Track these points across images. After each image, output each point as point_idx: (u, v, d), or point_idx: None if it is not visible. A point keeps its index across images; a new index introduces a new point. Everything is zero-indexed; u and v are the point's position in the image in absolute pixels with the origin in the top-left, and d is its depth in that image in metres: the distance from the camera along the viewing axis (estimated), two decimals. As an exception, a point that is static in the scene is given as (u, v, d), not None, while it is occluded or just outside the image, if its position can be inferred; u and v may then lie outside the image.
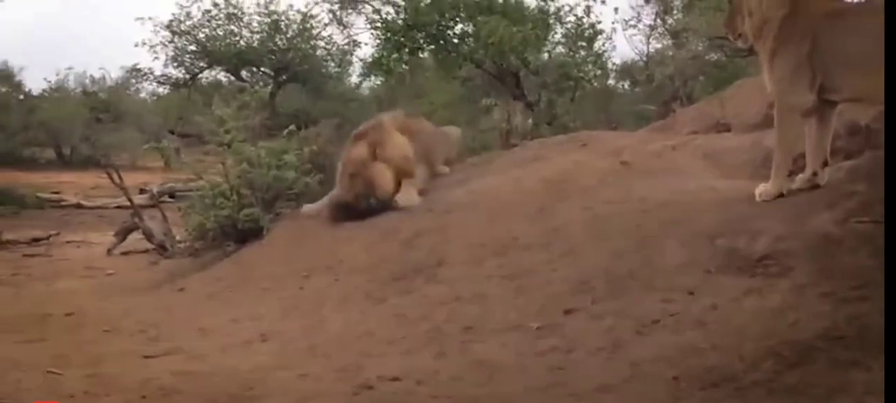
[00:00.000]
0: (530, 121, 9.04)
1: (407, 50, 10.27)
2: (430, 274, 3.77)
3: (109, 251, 7.82)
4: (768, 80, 3.53)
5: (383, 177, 4.92)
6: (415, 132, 5.30)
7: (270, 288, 4.25)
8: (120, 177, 7.97)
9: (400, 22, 10.35)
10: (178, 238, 6.85)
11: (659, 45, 11.40)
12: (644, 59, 11.41)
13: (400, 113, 5.57)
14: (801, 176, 3.53)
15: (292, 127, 5.88)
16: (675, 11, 11.02)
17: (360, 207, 4.85)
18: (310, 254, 4.54)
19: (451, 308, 3.35)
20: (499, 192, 4.51)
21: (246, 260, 4.98)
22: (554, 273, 3.39)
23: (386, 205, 4.82)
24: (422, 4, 10.12)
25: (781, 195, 3.45)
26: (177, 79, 15.93)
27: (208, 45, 14.74)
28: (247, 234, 5.45)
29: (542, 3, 10.57)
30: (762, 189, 3.50)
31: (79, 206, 12.17)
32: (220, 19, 14.63)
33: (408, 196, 4.89)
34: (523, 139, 8.05)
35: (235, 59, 15.07)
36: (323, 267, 4.26)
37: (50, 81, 18.31)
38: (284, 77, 15.51)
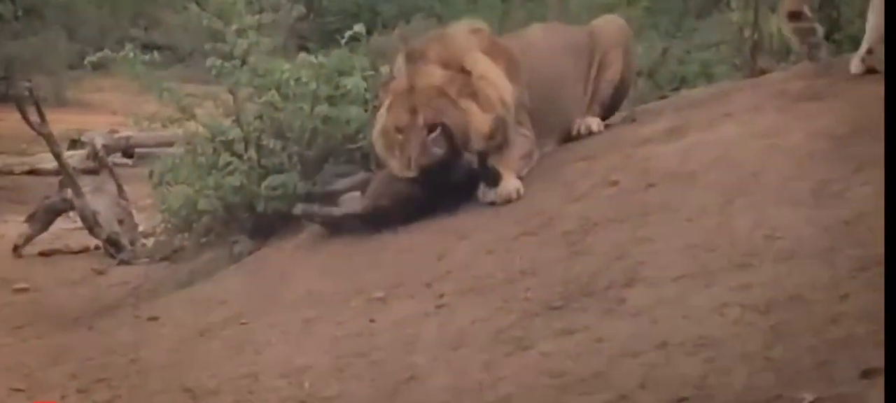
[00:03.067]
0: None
1: None
2: (613, 298, 3.43)
3: (18, 248, 6.94)
4: None
5: (483, 123, 4.52)
6: (511, 61, 4.88)
7: (316, 320, 3.94)
8: (41, 115, 6.95)
9: None
10: (143, 228, 6.50)
11: None
12: None
13: (481, 28, 5.06)
14: None
15: (358, 27, 5.27)
16: None
17: (446, 181, 4.47)
18: (386, 259, 4.31)
19: (653, 363, 3.00)
20: (741, 154, 4.24)
21: (271, 268, 4.75)
22: (842, 303, 2.98)
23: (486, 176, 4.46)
24: None
25: None
26: None
27: None
28: (272, 222, 5.16)
29: None
30: None
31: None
32: None
33: (505, 184, 4.51)
34: (782, 60, 7.27)
35: None
36: (413, 282, 4.01)
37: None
38: None
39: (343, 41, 5.36)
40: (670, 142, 4.63)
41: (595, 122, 5.15)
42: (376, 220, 4.60)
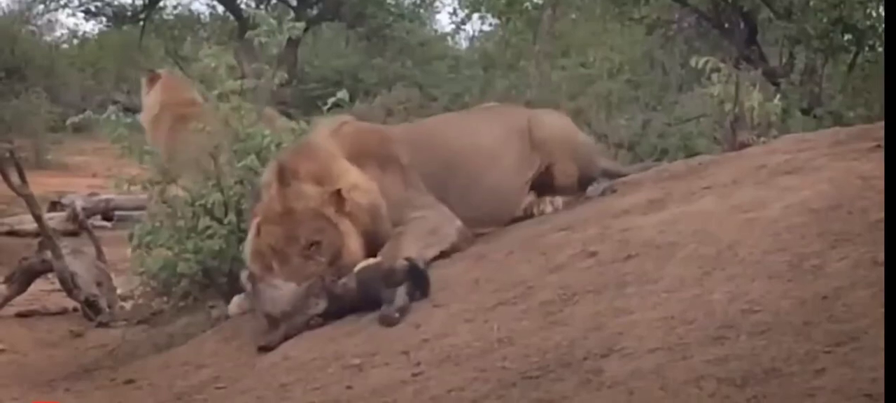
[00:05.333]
0: (776, 101, 7.70)
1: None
2: (591, 369, 3.39)
3: None
4: None
5: (356, 246, 4.46)
6: (381, 152, 4.85)
7: (292, 385, 3.90)
8: (22, 177, 6.76)
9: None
10: (121, 291, 6.33)
11: None
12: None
13: (345, 121, 5.06)
14: None
15: (341, 94, 5.28)
16: None
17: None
18: (363, 326, 4.24)
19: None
20: (719, 227, 4.25)
21: (248, 333, 4.58)
22: (818, 377, 2.98)
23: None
24: None
25: None
26: (119, 6, 14.71)
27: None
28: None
29: None
30: None
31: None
32: None
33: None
34: (763, 133, 7.31)
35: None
36: (389, 349, 3.97)
37: None
38: (315, 10, 14.36)
39: (326, 108, 5.32)
40: (649, 214, 4.64)
41: (549, 204, 5.12)
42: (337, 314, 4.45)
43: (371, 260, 4.43)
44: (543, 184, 5.20)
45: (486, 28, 13.36)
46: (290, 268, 4.41)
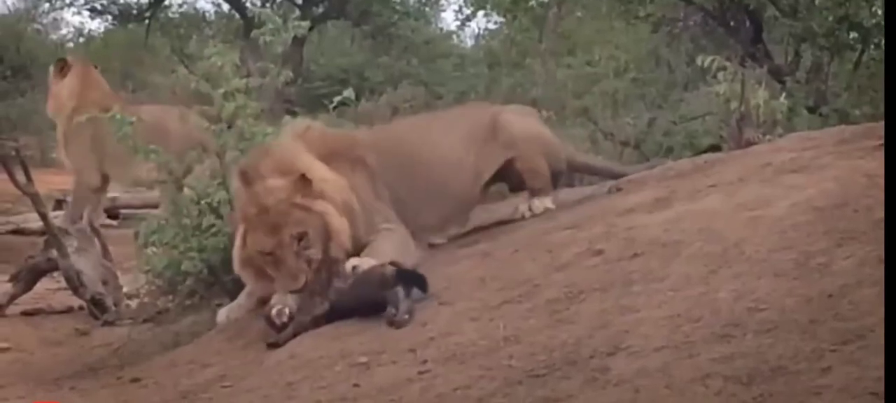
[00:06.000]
0: (782, 99, 7.66)
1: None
2: (597, 367, 3.39)
3: (1, 308, 6.64)
4: None
5: (342, 223, 4.39)
6: (349, 155, 4.79)
7: (299, 383, 3.88)
8: (27, 175, 6.65)
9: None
10: (127, 289, 6.29)
11: None
12: None
13: (310, 126, 5.01)
14: None
15: (347, 92, 5.25)
16: None
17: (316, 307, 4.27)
18: (369, 324, 4.21)
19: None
20: (725, 225, 4.21)
21: (254, 331, 4.57)
22: (824, 375, 2.99)
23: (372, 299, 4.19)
24: None
25: None
26: (124, 5, 14.65)
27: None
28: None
29: None
30: None
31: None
32: None
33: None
34: (769, 131, 7.24)
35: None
36: (396, 348, 3.95)
37: None
38: (321, 9, 14.30)
39: (332, 106, 5.33)
40: (655, 212, 4.62)
41: (539, 204, 5.09)
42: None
43: (365, 261, 4.33)
44: (515, 180, 5.16)
45: (491, 26, 13.36)
46: (287, 271, 4.34)
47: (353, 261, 4.33)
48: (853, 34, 9.22)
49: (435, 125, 5.36)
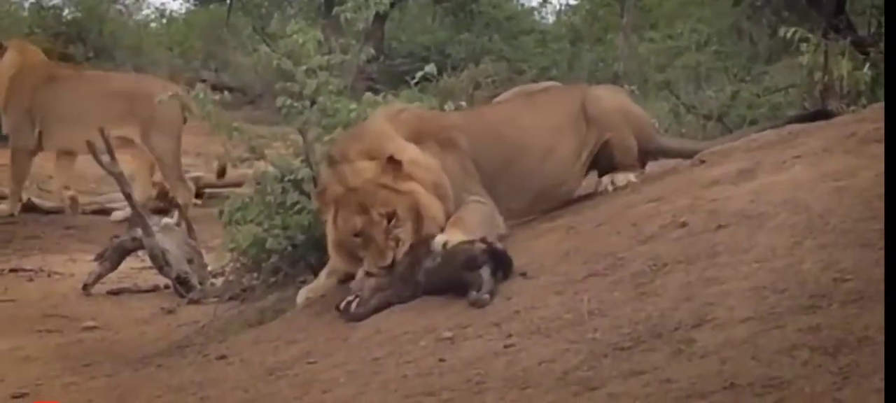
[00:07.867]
0: (866, 70, 7.53)
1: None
2: (682, 339, 3.36)
3: (87, 287, 6.76)
4: None
5: (432, 202, 4.38)
6: (442, 136, 4.73)
7: (384, 359, 3.89)
8: (112, 155, 6.67)
9: None
10: (212, 267, 6.35)
11: None
12: None
13: (403, 109, 4.94)
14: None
15: (429, 68, 5.27)
16: None
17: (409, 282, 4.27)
18: (454, 299, 4.23)
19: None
20: (810, 196, 4.15)
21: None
22: None
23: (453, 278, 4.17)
24: None
25: None
26: None
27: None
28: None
29: None
30: None
31: (29, 208, 9.97)
32: None
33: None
34: (852, 102, 7.20)
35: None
36: (480, 322, 3.98)
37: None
38: None
39: (414, 82, 5.37)
40: (740, 184, 4.56)
41: (622, 178, 5.03)
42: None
43: (454, 236, 4.33)
44: (605, 161, 5.13)
45: (572, 2, 13.36)
46: (376, 248, 4.32)
47: (441, 237, 4.31)
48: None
49: (527, 110, 5.33)
